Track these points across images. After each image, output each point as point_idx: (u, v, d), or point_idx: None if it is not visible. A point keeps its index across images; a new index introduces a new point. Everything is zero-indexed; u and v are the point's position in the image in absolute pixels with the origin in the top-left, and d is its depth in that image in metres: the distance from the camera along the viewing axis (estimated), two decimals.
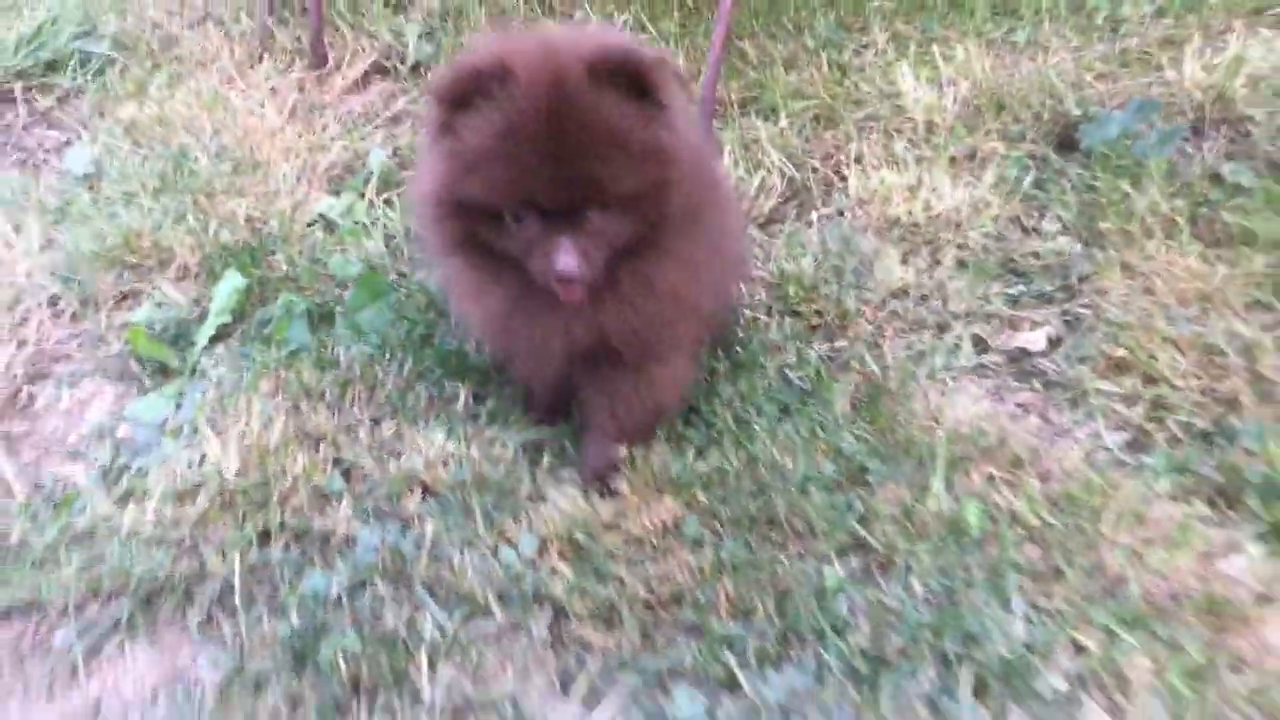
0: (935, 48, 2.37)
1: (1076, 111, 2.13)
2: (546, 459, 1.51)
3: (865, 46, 2.48)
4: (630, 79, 1.12)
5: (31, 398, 1.72)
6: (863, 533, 1.36)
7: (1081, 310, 1.72)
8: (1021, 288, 1.79)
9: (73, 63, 2.62)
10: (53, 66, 2.62)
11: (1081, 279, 1.78)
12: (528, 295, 1.27)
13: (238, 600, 1.33)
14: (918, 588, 1.30)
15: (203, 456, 1.50)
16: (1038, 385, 1.62)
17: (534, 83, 1.10)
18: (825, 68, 2.36)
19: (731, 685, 1.22)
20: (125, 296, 1.90)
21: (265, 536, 1.41)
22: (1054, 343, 1.69)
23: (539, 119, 1.10)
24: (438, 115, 1.16)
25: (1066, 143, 2.10)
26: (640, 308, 1.29)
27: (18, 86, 2.55)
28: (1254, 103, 2.08)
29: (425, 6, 2.76)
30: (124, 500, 1.47)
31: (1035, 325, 1.71)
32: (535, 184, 1.12)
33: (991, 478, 1.42)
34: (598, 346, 1.32)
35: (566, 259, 1.14)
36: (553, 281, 1.17)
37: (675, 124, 1.17)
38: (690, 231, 1.27)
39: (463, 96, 1.12)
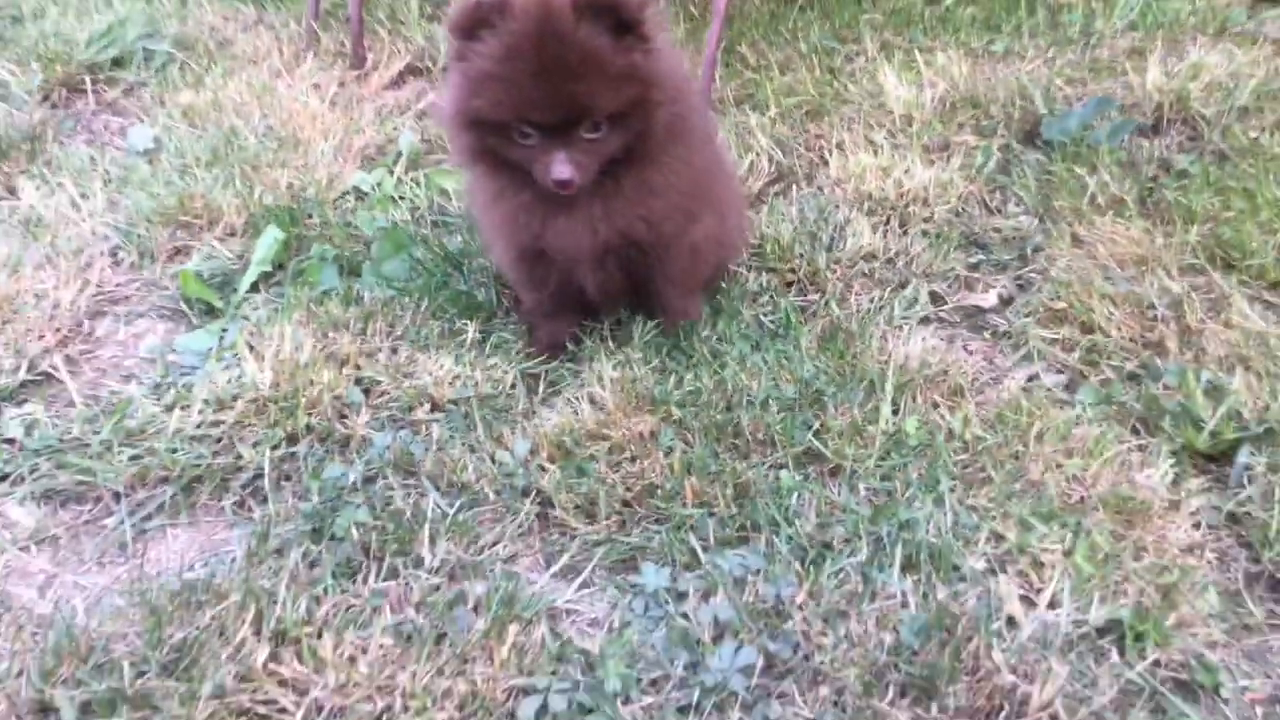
0: (919, 55, 2.58)
1: (1044, 110, 2.32)
2: (541, 387, 1.71)
3: (856, 54, 2.70)
4: (609, 13, 1.34)
5: (92, 330, 1.94)
6: (817, 444, 1.53)
7: (1033, 275, 1.90)
8: (981, 257, 1.97)
9: (137, 59, 2.89)
10: (119, 62, 2.90)
11: (1035, 250, 1.96)
12: (539, 199, 1.51)
13: (267, 487, 1.52)
14: (862, 489, 1.47)
15: (240, 374, 1.71)
16: (987, 336, 1.79)
17: (527, 16, 1.33)
18: (816, 70, 2.58)
19: (693, 563, 1.39)
20: (178, 251, 2.13)
21: (293, 438, 1.60)
22: (1006, 301, 1.87)
23: (530, 47, 1.33)
24: (453, 44, 1.40)
25: (1032, 136, 2.29)
26: (643, 202, 1.54)
27: (88, 79, 2.83)
28: (1208, 104, 2.27)
29: None
30: (171, 407, 1.67)
31: (989, 287, 1.89)
32: (529, 102, 1.36)
33: (936, 404, 1.60)
34: (622, 243, 1.57)
35: (560, 168, 1.38)
36: (550, 185, 1.41)
37: (653, 53, 1.39)
38: (682, 140, 1.51)
39: (470, 27, 1.36)
